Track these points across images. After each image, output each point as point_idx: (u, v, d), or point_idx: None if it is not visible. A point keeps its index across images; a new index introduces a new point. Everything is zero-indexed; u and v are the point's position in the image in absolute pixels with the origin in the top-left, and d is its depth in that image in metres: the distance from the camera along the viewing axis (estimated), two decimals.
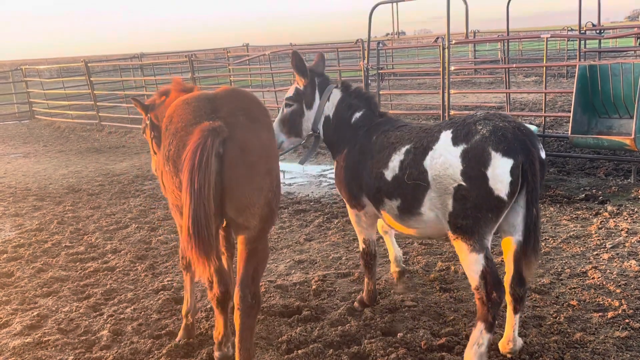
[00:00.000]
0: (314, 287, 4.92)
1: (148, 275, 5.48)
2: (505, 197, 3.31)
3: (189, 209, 2.95)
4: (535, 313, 4.19)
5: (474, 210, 3.36)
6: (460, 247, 3.47)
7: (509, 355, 3.65)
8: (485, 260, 3.40)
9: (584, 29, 12.03)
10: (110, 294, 5.10)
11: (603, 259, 5.11)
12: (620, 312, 4.09)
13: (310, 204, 7.63)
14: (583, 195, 7.05)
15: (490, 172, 3.29)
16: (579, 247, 5.43)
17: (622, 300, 4.26)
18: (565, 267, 4.99)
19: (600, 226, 5.96)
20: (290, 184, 8.99)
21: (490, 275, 3.39)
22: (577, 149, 8.95)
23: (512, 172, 3.28)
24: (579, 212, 6.47)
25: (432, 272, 5.09)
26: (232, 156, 3.14)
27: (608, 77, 6.96)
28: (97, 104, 17.09)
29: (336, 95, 4.44)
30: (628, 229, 5.80)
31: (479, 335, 3.45)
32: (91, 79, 17.09)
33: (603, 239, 5.59)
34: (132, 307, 4.75)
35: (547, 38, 8.70)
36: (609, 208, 6.47)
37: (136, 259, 5.93)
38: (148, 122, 4.43)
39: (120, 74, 22.36)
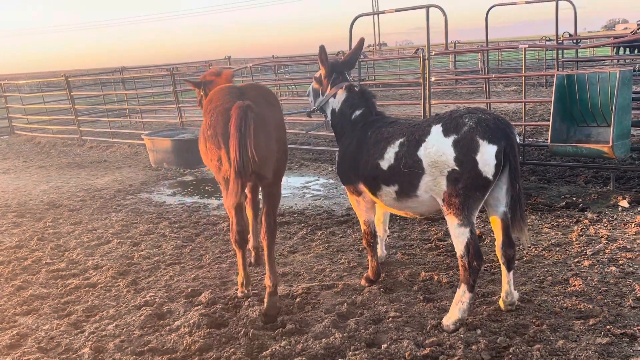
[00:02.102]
0: (297, 299, 4.90)
1: (130, 291, 5.42)
2: (491, 178, 3.95)
3: (235, 153, 4.12)
4: (518, 321, 4.21)
5: (464, 189, 3.97)
6: (452, 220, 4.07)
7: (509, 308, 4.34)
8: (470, 233, 4.03)
9: (561, 39, 12.23)
10: (92, 311, 5.03)
11: (584, 266, 5.16)
12: (601, 318, 4.13)
13: (293, 216, 7.62)
14: (564, 203, 7.12)
15: (479, 157, 3.91)
16: (561, 255, 5.48)
17: (603, 307, 4.30)
18: (547, 275, 5.04)
19: (580, 233, 6.02)
20: None
21: (473, 247, 4.03)
22: (557, 157, 9.06)
23: (497, 156, 3.91)
24: (559, 220, 6.54)
25: (416, 282, 5.10)
26: (257, 126, 4.27)
27: (585, 86, 7.05)
28: (78, 118, 16.95)
29: (342, 95, 5.12)
30: (608, 235, 5.87)
31: (462, 295, 4.15)
32: (72, 93, 16.95)
33: (584, 246, 5.64)
34: (114, 324, 4.69)
35: (525, 48, 8.82)
36: (589, 215, 6.54)
37: (118, 274, 5.86)
38: (203, 93, 5.80)
39: (101, 88, 22.24)
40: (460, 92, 22.65)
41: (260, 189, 4.97)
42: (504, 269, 4.30)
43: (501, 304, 4.40)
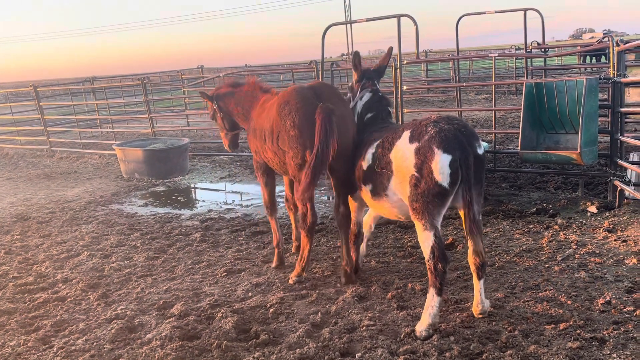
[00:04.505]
0: (271, 310, 4.87)
1: (101, 304, 5.32)
2: (446, 186, 4.07)
3: (316, 152, 4.66)
4: (491, 327, 4.24)
5: (423, 195, 4.12)
6: (417, 225, 4.26)
7: (480, 316, 4.38)
8: (434, 237, 4.14)
9: (530, 47, 12.45)
10: (61, 325, 4.92)
11: (554, 271, 5.22)
12: (571, 323, 4.18)
13: (267, 226, 7.56)
14: (534, 209, 7.22)
15: (434, 165, 4.06)
16: (532, 261, 5.54)
17: (574, 312, 4.36)
18: (519, 281, 5.09)
19: (551, 239, 6.11)
20: (247, 206, 8.93)
21: (438, 250, 4.13)
22: (528, 164, 9.19)
23: (451, 165, 4.03)
24: (530, 226, 6.62)
25: (390, 290, 5.10)
26: (338, 126, 4.77)
27: (553, 94, 7.17)
28: (48, 129, 16.66)
29: (367, 97, 5.41)
30: (577, 241, 5.96)
31: (431, 299, 4.21)
32: (40, 103, 16.67)
33: (554, 252, 5.72)
34: (84, 338, 4.59)
35: (495, 57, 8.95)
36: (559, 221, 6.64)
37: (88, 287, 5.75)
38: (215, 107, 6.22)
39: (71, 98, 21.91)
40: (432, 100, 22.87)
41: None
42: (475, 277, 4.34)
43: (473, 310, 4.45)
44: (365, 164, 4.76)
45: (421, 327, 4.20)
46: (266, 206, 6.14)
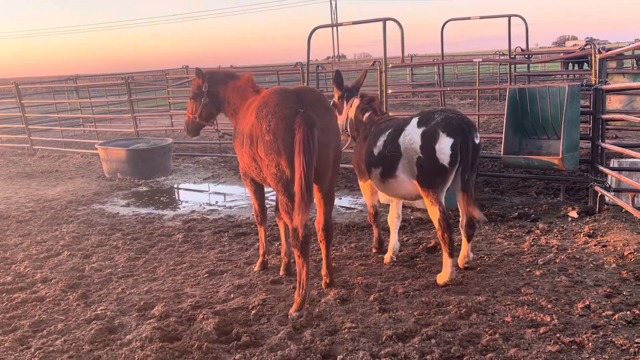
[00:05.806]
0: (253, 311, 4.85)
1: (80, 305, 5.26)
2: (447, 165, 4.75)
3: (301, 172, 4.30)
4: (472, 331, 4.25)
5: (427, 174, 4.82)
6: (425, 201, 5.00)
7: (466, 265, 5.40)
8: (439, 212, 4.90)
9: (514, 53, 12.58)
10: (39, 326, 4.85)
11: (535, 275, 5.26)
12: (551, 326, 4.21)
13: (250, 227, 7.55)
14: (516, 213, 7.28)
15: (437, 146, 4.73)
16: (513, 265, 5.58)
17: (553, 315, 4.39)
18: (500, 285, 5.12)
19: (532, 243, 6.15)
20: (230, 207, 8.89)
21: (444, 222, 4.90)
22: (510, 169, 9.26)
23: (452, 147, 4.71)
24: (512, 230, 6.67)
25: (372, 292, 5.10)
26: (319, 139, 4.52)
27: (536, 99, 7.23)
28: (29, 127, 16.45)
29: (356, 102, 5.99)
30: (558, 245, 6.01)
31: (446, 259, 5.03)
32: (22, 101, 16.46)
33: (535, 256, 5.76)
34: (63, 339, 4.53)
35: (479, 62, 9.02)
36: (540, 226, 6.70)
37: (68, 287, 5.68)
38: (205, 90, 5.79)
39: (53, 97, 21.67)
40: (417, 104, 22.96)
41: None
42: (464, 240, 5.36)
43: (459, 261, 5.38)
44: (376, 150, 5.28)
45: (442, 280, 5.07)
46: (256, 215, 5.83)
